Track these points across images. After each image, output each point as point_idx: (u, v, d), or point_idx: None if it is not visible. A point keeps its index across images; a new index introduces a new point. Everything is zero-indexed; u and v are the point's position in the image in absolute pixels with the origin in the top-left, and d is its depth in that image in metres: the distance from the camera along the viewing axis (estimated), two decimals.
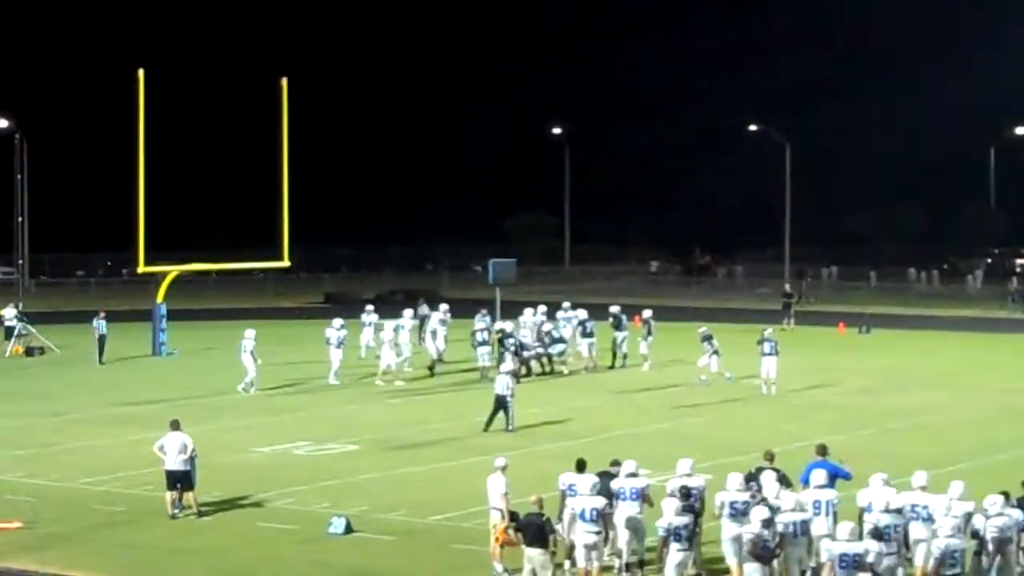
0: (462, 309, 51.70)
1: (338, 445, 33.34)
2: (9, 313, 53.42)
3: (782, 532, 20.18)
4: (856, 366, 48.68)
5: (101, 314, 50.27)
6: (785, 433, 33.23)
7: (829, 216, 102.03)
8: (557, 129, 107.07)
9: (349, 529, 24.61)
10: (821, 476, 21.67)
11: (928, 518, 20.30)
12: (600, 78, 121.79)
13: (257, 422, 36.88)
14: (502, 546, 21.84)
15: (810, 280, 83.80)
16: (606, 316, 48.12)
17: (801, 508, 20.74)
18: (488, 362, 44.13)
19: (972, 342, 59.03)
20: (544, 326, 47.22)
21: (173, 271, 54.37)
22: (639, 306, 53.22)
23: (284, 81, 51.90)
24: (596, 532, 21.06)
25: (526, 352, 45.65)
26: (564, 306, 49.50)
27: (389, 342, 43.94)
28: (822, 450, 23.50)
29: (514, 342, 44.02)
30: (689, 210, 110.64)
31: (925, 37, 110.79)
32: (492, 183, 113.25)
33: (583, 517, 21.17)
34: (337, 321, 45.29)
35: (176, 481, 25.79)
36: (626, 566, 21.67)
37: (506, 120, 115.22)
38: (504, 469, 22.65)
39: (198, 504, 25.88)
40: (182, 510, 25.80)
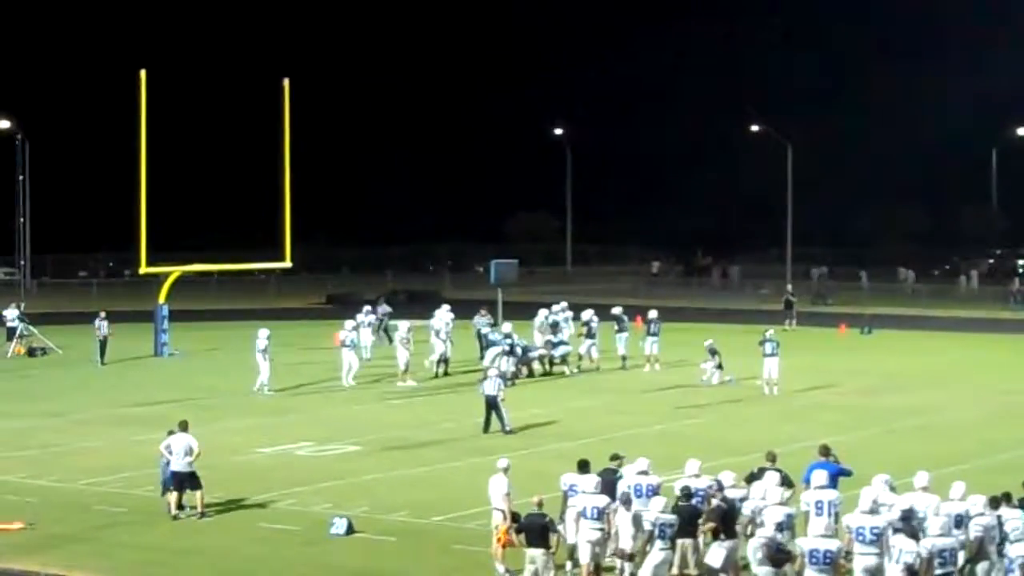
0: (464, 310, 51.62)
1: (339, 446, 33.33)
2: (11, 314, 53.41)
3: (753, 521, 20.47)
4: (858, 367, 48.67)
5: (102, 315, 50.27)
6: (787, 434, 33.25)
7: (831, 217, 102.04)
8: (559, 130, 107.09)
9: (351, 530, 24.60)
10: (822, 477, 21.68)
11: (874, 540, 19.54)
12: (602, 79, 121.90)
13: (259, 423, 36.88)
14: (504, 547, 21.86)
15: (829, 282, 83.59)
16: (608, 317, 48.10)
17: (782, 502, 20.80)
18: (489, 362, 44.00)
19: (974, 343, 59.02)
20: (562, 326, 47.27)
21: (175, 272, 54.40)
22: (641, 307, 53.22)
23: (286, 82, 51.94)
24: (600, 529, 21.12)
25: (530, 353, 45.66)
26: (562, 305, 49.29)
27: (401, 341, 43.86)
28: (825, 450, 23.53)
29: (510, 343, 43.98)
30: (691, 211, 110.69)
31: (927, 37, 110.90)
32: (494, 184, 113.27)
33: (585, 515, 21.26)
34: (349, 323, 45.20)
35: (181, 482, 25.80)
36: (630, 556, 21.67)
37: (508, 121, 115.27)
38: (506, 470, 22.66)
39: (203, 505, 25.89)
40: (181, 510, 25.78)
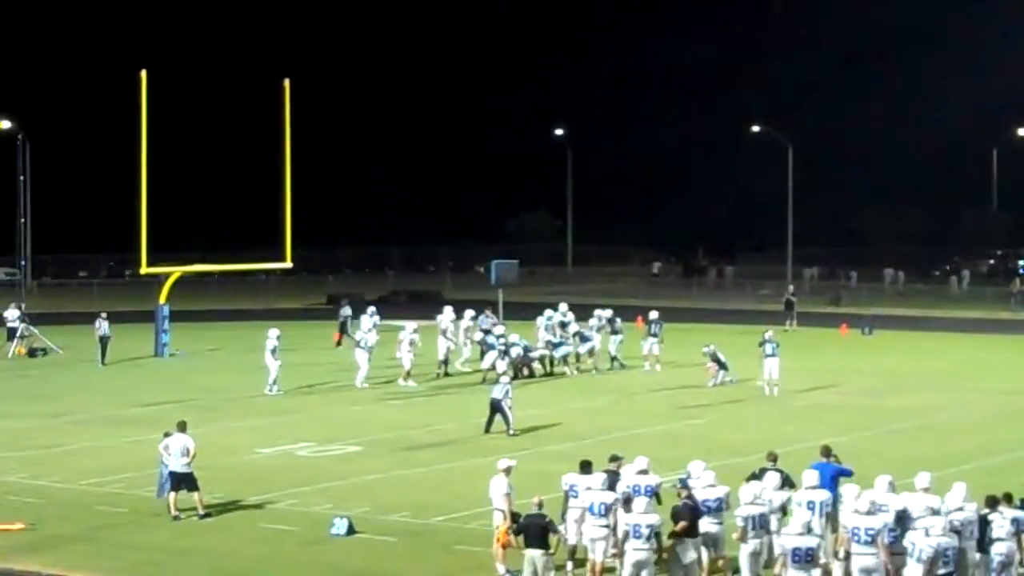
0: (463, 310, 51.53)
1: (340, 446, 33.33)
2: (12, 314, 53.40)
3: (742, 525, 20.45)
4: (858, 367, 48.68)
5: (103, 315, 50.27)
6: (788, 434, 33.24)
7: (831, 218, 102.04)
8: (560, 130, 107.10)
9: (351, 530, 24.60)
10: (813, 477, 21.76)
11: (869, 540, 19.64)
12: (603, 79, 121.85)
13: (259, 423, 36.87)
14: (504, 547, 21.86)
15: (844, 283, 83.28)
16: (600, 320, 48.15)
17: (760, 502, 20.91)
18: (488, 365, 44.02)
19: (975, 344, 58.98)
20: (571, 327, 47.32)
21: (176, 272, 54.41)
22: (641, 307, 53.22)
23: (287, 82, 51.94)
24: (604, 526, 21.21)
25: (531, 353, 45.68)
26: (564, 308, 49.23)
27: (405, 342, 43.83)
28: (826, 451, 23.55)
29: (504, 343, 44.00)
30: (691, 212, 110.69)
31: (927, 38, 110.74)
32: (495, 184, 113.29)
33: (592, 511, 21.40)
34: (366, 324, 45.03)
35: (179, 483, 25.80)
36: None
37: (509, 121, 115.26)
38: (507, 471, 22.64)
39: (203, 505, 25.88)
40: (181, 511, 25.78)
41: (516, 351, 44.65)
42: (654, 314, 47.82)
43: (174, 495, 25.78)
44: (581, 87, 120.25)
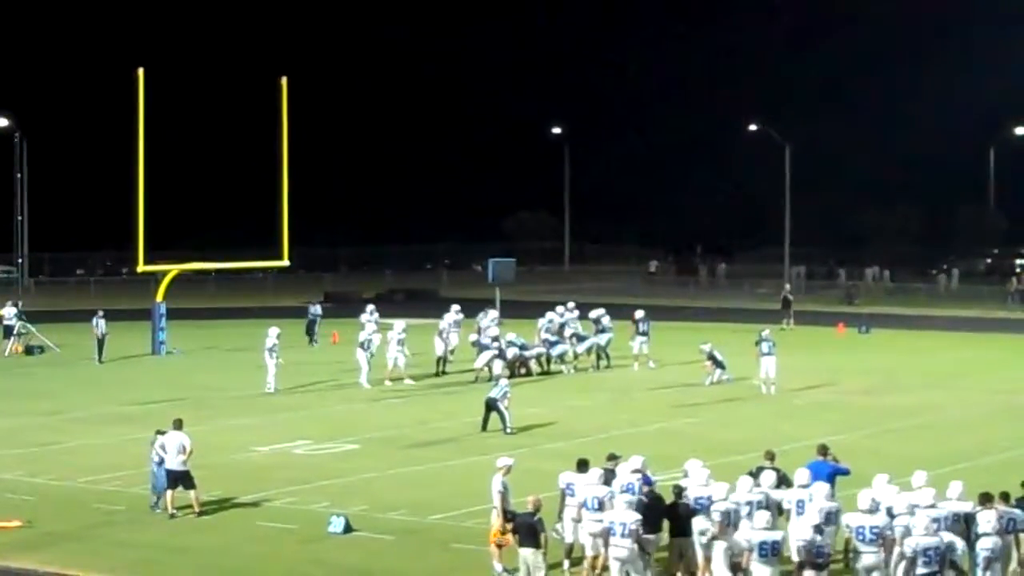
0: (463, 309, 51.52)
1: (338, 444, 33.32)
2: (9, 312, 53.37)
3: (719, 520, 20.54)
4: (856, 366, 48.67)
5: (100, 313, 50.25)
6: (785, 433, 33.23)
7: (828, 217, 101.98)
8: (557, 129, 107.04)
9: (348, 528, 24.59)
10: (804, 475, 21.79)
11: (873, 539, 19.76)
12: (600, 78, 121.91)
13: (256, 421, 36.86)
14: (499, 546, 21.87)
15: (857, 283, 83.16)
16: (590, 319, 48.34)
17: (734, 500, 20.97)
18: (481, 364, 43.98)
19: (972, 342, 59.00)
20: (568, 327, 47.39)
21: (173, 270, 54.38)
22: (638, 306, 53.23)
23: (284, 80, 51.91)
24: (600, 520, 21.18)
25: (527, 352, 45.66)
26: (569, 307, 49.21)
27: (394, 341, 43.78)
28: (823, 450, 23.55)
29: (498, 347, 43.99)
30: (689, 210, 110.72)
31: (925, 37, 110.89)
32: (492, 182, 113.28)
33: (587, 506, 21.47)
34: (370, 325, 44.94)
35: (176, 481, 25.79)
36: None
37: (507, 119, 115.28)
38: (504, 470, 22.60)
39: (200, 503, 25.88)
40: (164, 510, 25.74)
41: (513, 351, 44.66)
42: (640, 313, 47.87)
43: (171, 493, 25.77)
44: (579, 86, 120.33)
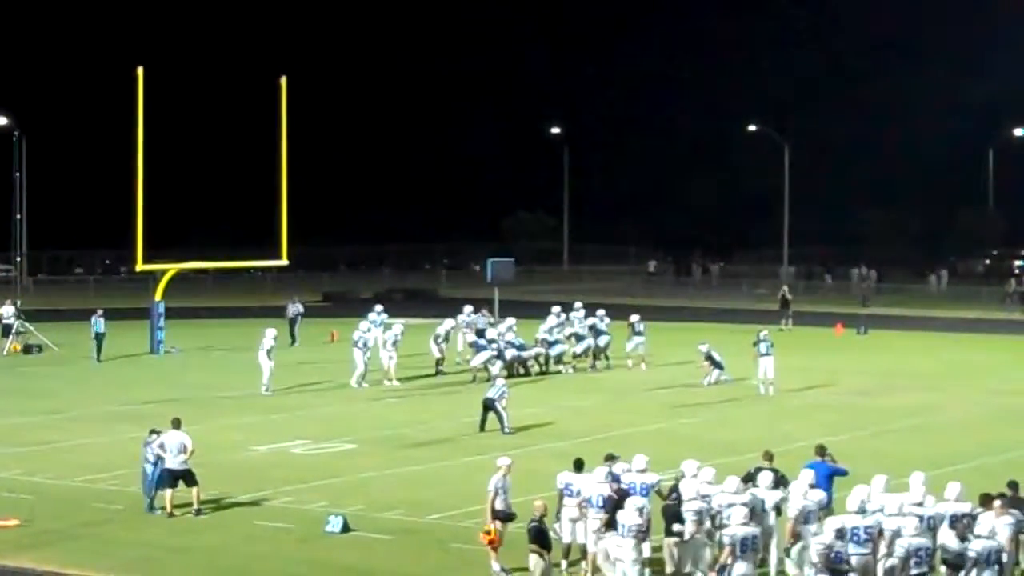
0: (461, 309, 51.51)
1: (335, 444, 33.33)
2: (7, 311, 53.34)
3: (695, 519, 20.80)
4: (854, 367, 48.68)
5: (99, 312, 50.23)
6: (783, 433, 33.26)
7: (827, 218, 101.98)
8: (556, 128, 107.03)
9: (346, 528, 24.61)
10: (809, 476, 21.82)
11: (867, 539, 19.91)
12: (599, 77, 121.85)
13: (254, 420, 36.86)
14: (490, 544, 21.88)
15: (870, 284, 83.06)
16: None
17: (706, 498, 21.15)
18: (479, 364, 43.97)
19: (971, 343, 58.99)
20: (566, 328, 47.50)
21: (171, 269, 54.39)
22: (637, 306, 53.29)
23: (283, 80, 51.91)
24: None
25: (526, 352, 45.68)
26: (562, 308, 49.31)
27: (389, 342, 43.76)
28: (821, 450, 23.58)
29: (497, 346, 43.99)
30: (688, 211, 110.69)
31: (924, 38, 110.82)
32: (491, 182, 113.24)
33: (591, 503, 21.56)
34: (364, 324, 44.94)
35: (176, 479, 25.80)
36: None
37: (505, 119, 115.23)
38: (504, 469, 22.58)
39: (199, 501, 25.89)
40: (164, 510, 25.78)
41: (511, 352, 44.68)
42: (635, 317, 48.11)
43: (169, 492, 25.80)
44: (577, 85, 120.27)
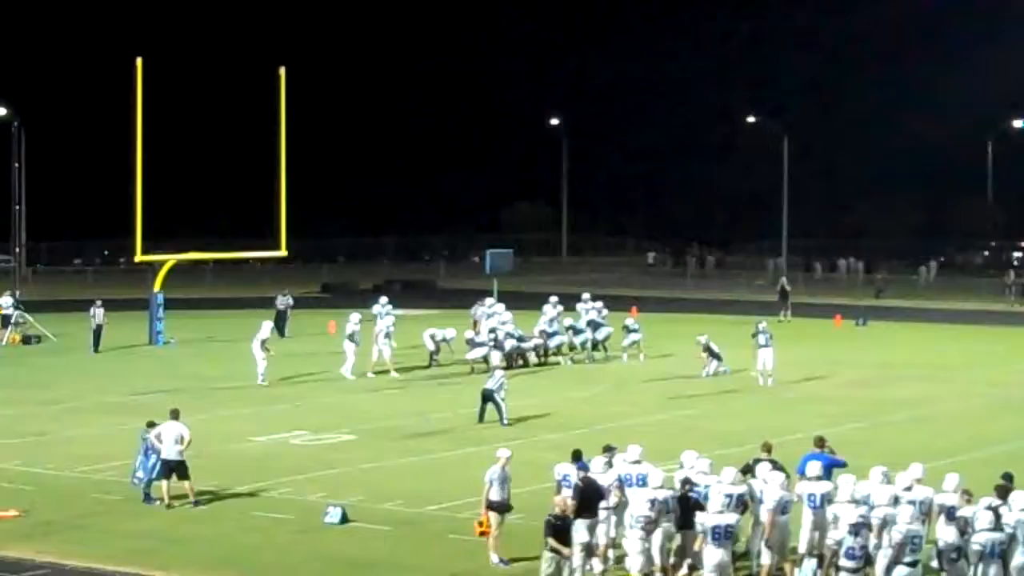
0: (462, 300, 51.56)
1: (334, 435, 33.34)
2: (6, 301, 53.34)
3: (660, 509, 20.79)
4: (853, 358, 48.70)
5: (98, 303, 50.21)
6: (782, 425, 33.22)
7: (826, 209, 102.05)
8: (555, 120, 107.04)
9: (345, 519, 24.61)
10: (816, 468, 21.75)
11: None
12: (599, 69, 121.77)
13: (253, 411, 36.87)
14: (482, 535, 21.87)
15: (887, 276, 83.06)
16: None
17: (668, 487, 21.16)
18: (477, 357, 43.94)
19: (969, 335, 58.99)
20: (566, 320, 47.60)
21: (170, 260, 54.35)
22: (636, 297, 53.33)
23: (282, 70, 51.84)
24: (605, 508, 21.29)
25: (525, 343, 45.69)
26: (562, 301, 49.37)
27: (381, 334, 43.74)
28: (820, 442, 23.56)
29: (493, 336, 43.99)
30: (687, 202, 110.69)
31: (924, 31, 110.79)
32: (490, 173, 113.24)
33: (603, 494, 21.46)
34: (355, 315, 44.86)
35: (171, 470, 25.80)
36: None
37: (504, 110, 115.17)
38: (503, 460, 22.54)
39: (194, 493, 25.90)
40: (161, 501, 25.79)
41: (510, 343, 44.69)
42: (631, 320, 48.42)
43: (166, 483, 25.80)
44: (577, 76, 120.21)
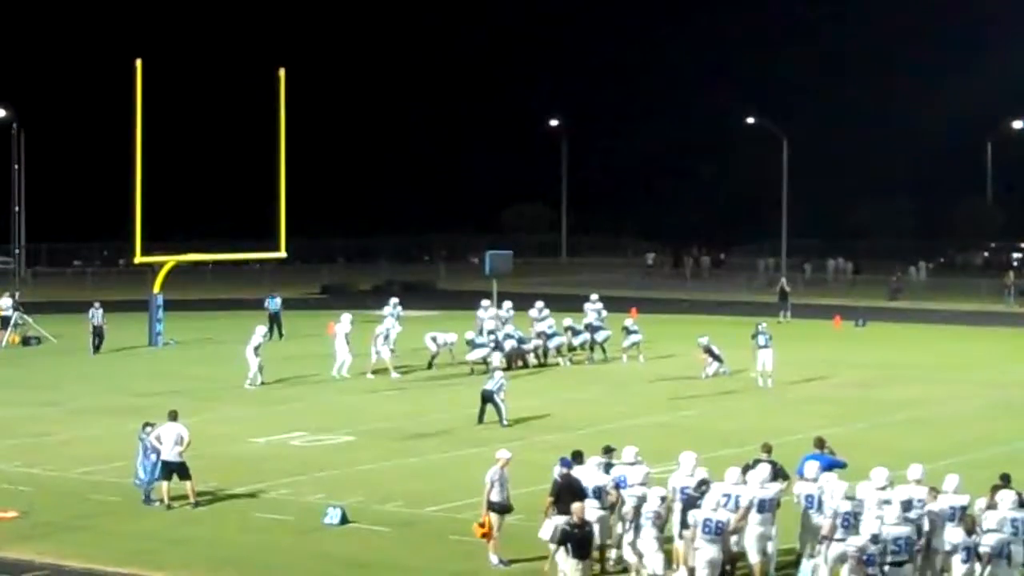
0: (461, 301, 51.55)
1: (334, 436, 33.33)
2: (6, 303, 53.34)
3: (634, 505, 20.92)
4: (852, 359, 48.69)
5: (96, 304, 50.19)
6: (781, 426, 33.21)
7: (826, 210, 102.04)
8: (554, 121, 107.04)
9: (345, 520, 24.61)
10: (813, 469, 21.74)
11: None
12: (597, 70, 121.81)
13: (253, 413, 36.87)
14: (483, 536, 21.86)
15: (900, 275, 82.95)
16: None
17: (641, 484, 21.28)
18: (477, 358, 43.95)
19: (968, 336, 59.02)
20: (565, 320, 47.75)
21: (170, 261, 54.35)
22: (635, 298, 53.37)
23: (282, 71, 51.86)
24: (601, 508, 21.30)
25: (525, 344, 45.72)
26: (561, 302, 49.56)
27: (381, 336, 43.78)
28: (819, 443, 23.56)
29: (494, 337, 43.99)
30: (687, 203, 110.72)
31: (923, 31, 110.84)
32: (489, 175, 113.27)
33: (586, 492, 21.45)
34: (346, 316, 44.92)
35: (171, 472, 25.81)
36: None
37: (504, 111, 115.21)
38: (502, 462, 22.53)
39: (195, 494, 25.90)
40: (162, 502, 25.80)
41: (510, 343, 44.72)
42: (629, 321, 48.53)
43: (166, 484, 25.80)
44: (577, 78, 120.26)
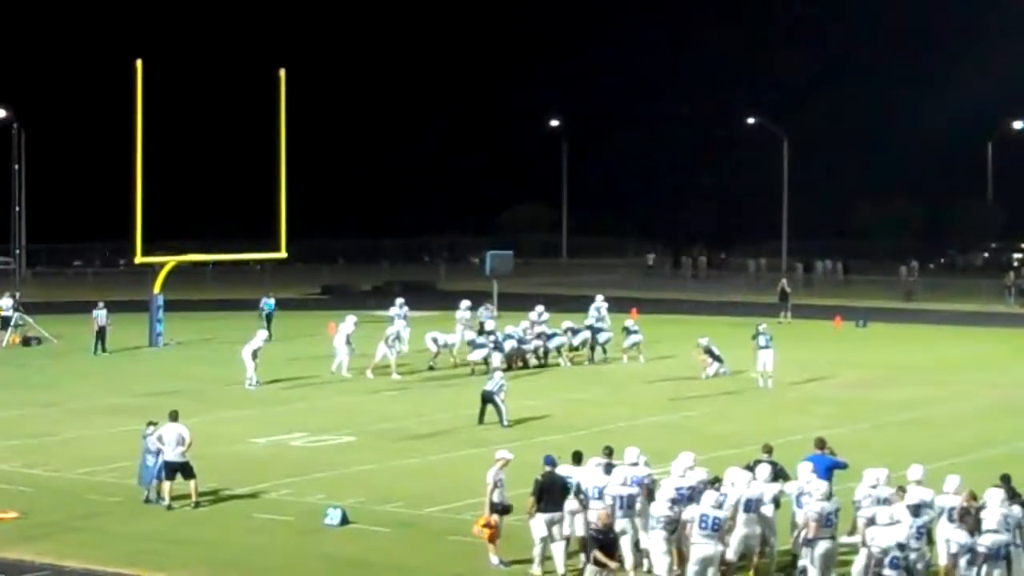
0: (460, 302, 51.49)
1: (334, 436, 33.33)
2: (6, 303, 53.34)
3: (611, 503, 21.05)
4: (853, 360, 48.69)
5: (100, 304, 50.17)
6: (782, 426, 33.23)
7: (827, 211, 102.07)
8: (555, 121, 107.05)
9: (345, 520, 24.60)
10: (807, 469, 21.77)
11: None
12: (599, 70, 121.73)
13: (253, 413, 36.87)
14: (489, 540, 21.86)
15: (916, 279, 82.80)
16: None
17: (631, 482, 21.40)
18: (478, 358, 43.96)
19: (969, 336, 58.99)
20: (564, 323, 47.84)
21: (170, 261, 54.34)
22: (635, 299, 53.38)
23: (282, 72, 51.86)
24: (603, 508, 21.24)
25: (525, 345, 45.72)
26: (562, 302, 49.60)
27: (391, 336, 43.84)
28: (820, 443, 23.57)
29: (494, 338, 44.02)
30: (687, 204, 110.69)
31: (923, 32, 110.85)
32: (490, 175, 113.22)
33: (588, 494, 21.59)
34: (351, 318, 44.88)
35: (174, 472, 25.81)
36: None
37: (505, 112, 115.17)
38: (501, 463, 22.53)
39: (197, 494, 25.89)
40: (160, 500, 25.80)
41: (510, 344, 44.73)
42: (629, 321, 48.62)
43: (168, 484, 25.81)
44: (578, 78, 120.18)
